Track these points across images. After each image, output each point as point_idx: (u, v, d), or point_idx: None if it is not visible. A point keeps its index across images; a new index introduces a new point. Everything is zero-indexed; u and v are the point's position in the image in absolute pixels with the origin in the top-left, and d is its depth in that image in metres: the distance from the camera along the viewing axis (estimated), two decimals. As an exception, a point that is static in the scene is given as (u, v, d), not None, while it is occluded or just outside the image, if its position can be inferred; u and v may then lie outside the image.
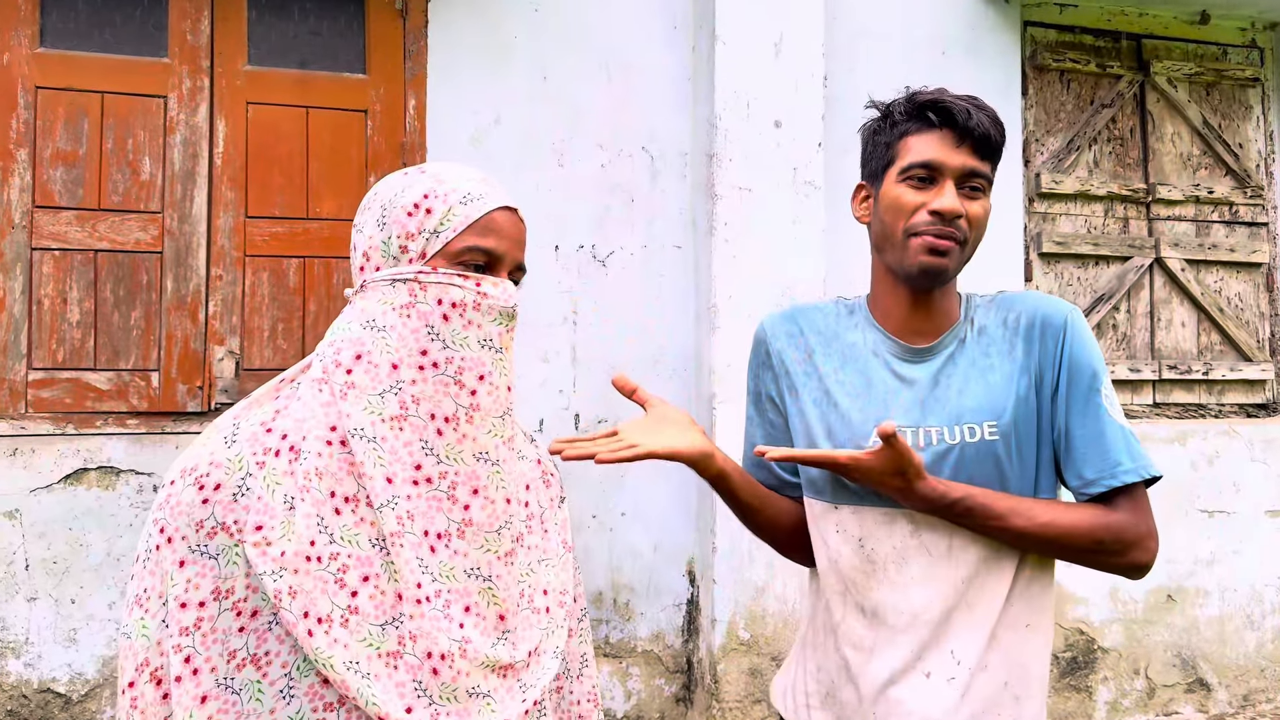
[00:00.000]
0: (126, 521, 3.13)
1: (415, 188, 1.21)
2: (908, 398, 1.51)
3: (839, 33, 3.82)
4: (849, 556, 1.52)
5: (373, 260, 1.22)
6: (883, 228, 1.53)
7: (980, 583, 1.47)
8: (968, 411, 1.48)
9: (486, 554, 1.19)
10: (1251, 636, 4.22)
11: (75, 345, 3.17)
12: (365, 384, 1.16)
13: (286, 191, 3.35)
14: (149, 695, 1.10)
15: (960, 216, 1.47)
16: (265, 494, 1.12)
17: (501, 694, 1.18)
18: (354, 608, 1.11)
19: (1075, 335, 1.51)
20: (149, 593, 1.12)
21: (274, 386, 1.24)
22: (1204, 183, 4.37)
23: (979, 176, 1.49)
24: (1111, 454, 1.46)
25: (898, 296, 1.56)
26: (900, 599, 1.48)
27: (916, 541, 1.48)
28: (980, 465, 1.47)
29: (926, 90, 1.53)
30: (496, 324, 1.20)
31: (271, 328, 3.32)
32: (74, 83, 3.19)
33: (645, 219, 3.67)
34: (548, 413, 3.53)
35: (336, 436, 1.16)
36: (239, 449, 1.15)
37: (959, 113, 1.46)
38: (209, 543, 1.11)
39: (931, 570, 1.47)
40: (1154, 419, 4.24)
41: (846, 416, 1.52)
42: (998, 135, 1.48)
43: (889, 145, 1.53)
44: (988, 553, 1.47)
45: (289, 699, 1.11)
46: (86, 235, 3.19)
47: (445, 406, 1.17)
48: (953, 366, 1.53)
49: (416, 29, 3.48)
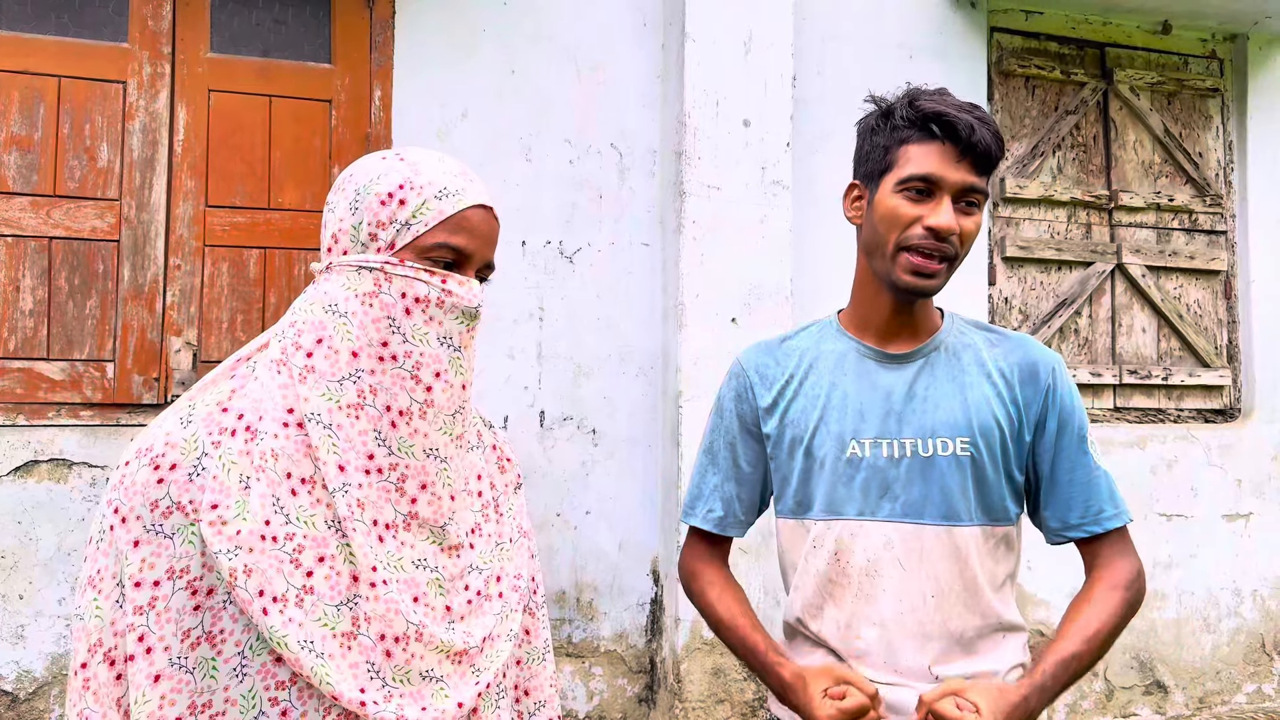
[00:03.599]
0: (78, 515, 3.05)
1: (392, 175, 1.20)
2: (882, 408, 1.53)
3: (808, 34, 3.83)
4: (824, 571, 1.54)
5: (341, 243, 1.21)
6: (875, 235, 1.52)
7: (953, 593, 1.51)
8: (942, 425, 1.51)
9: (432, 546, 1.20)
10: (1208, 639, 4.27)
11: (28, 334, 3.09)
12: (325, 369, 1.16)
13: (248, 181, 3.29)
14: (102, 676, 1.10)
15: (954, 233, 1.46)
16: (221, 474, 1.12)
17: (454, 679, 1.19)
18: (309, 587, 1.11)
19: (1064, 384, 1.58)
20: (102, 573, 1.11)
21: (230, 366, 1.23)
22: (1165, 190, 4.43)
23: (976, 192, 1.48)
24: (1097, 500, 1.56)
25: (880, 302, 1.56)
26: (873, 610, 1.51)
27: (889, 554, 1.51)
28: (949, 478, 1.50)
29: (929, 94, 1.51)
30: (458, 322, 1.20)
31: (230, 319, 3.26)
32: (30, 66, 3.12)
33: (613, 216, 3.65)
34: (512, 409, 3.50)
35: (294, 419, 1.15)
36: (194, 429, 1.14)
37: (963, 128, 1.44)
38: (164, 522, 1.10)
39: (904, 582, 1.50)
40: (1114, 423, 4.28)
41: (826, 427, 1.54)
42: (998, 150, 1.48)
43: (887, 149, 1.51)
44: (958, 565, 1.51)
45: (242, 677, 1.11)
46: (41, 222, 3.11)
47: (401, 400, 1.17)
48: (930, 376, 1.55)
49: (384, 19, 3.44)
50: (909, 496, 1.51)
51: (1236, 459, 4.35)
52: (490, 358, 3.43)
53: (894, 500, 1.51)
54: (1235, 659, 4.31)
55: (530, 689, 1.40)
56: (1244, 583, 4.33)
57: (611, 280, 3.64)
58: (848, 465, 1.52)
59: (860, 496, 1.52)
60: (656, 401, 3.65)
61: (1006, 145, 4.22)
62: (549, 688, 1.42)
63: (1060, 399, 1.57)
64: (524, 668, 1.40)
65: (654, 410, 3.64)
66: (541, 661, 1.42)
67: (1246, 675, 4.33)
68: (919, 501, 1.50)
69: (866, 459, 1.52)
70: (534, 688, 1.41)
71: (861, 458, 1.52)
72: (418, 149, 1.26)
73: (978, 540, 1.52)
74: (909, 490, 1.50)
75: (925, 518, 1.51)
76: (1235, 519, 4.33)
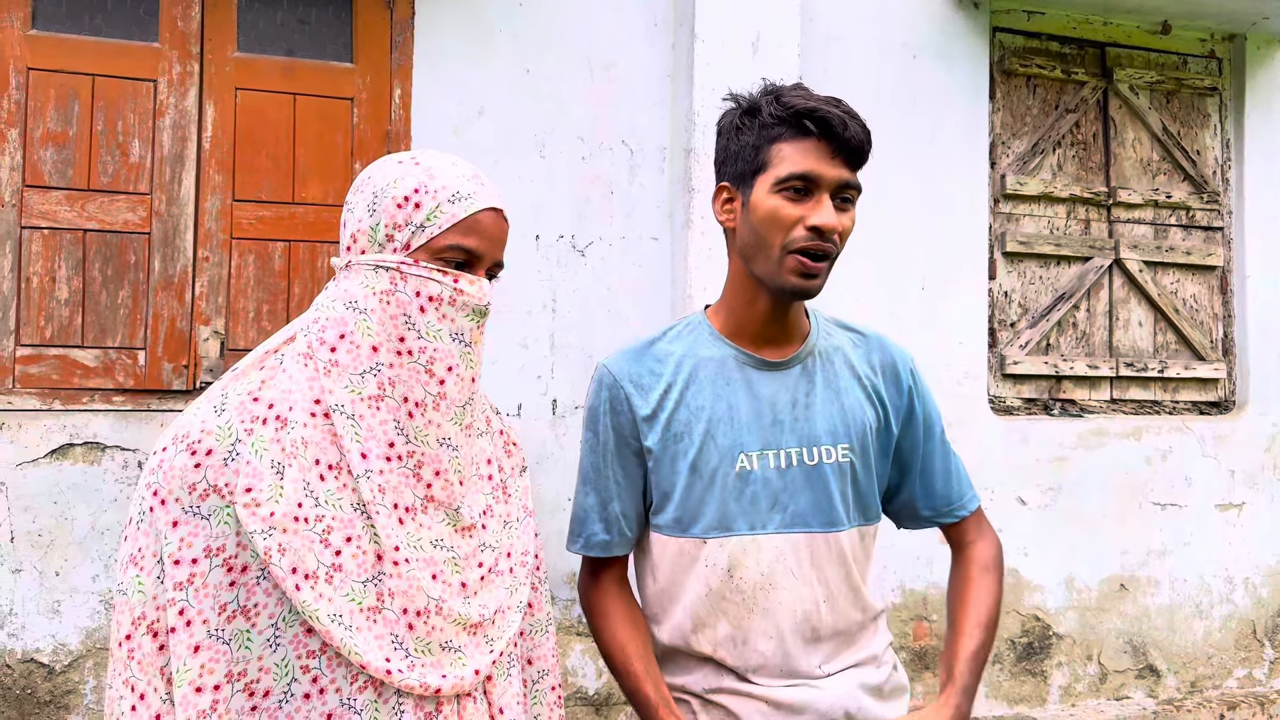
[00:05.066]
0: (111, 496, 3.19)
1: (408, 179, 1.28)
2: (767, 418, 1.53)
3: (814, 34, 3.93)
4: (717, 589, 1.52)
5: (359, 243, 1.29)
6: (756, 239, 1.48)
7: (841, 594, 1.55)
8: (824, 434, 1.53)
9: (447, 527, 1.29)
10: (1200, 625, 4.38)
11: (63, 323, 3.23)
12: (347, 363, 1.24)
13: (273, 176, 3.42)
14: (146, 647, 1.17)
15: (836, 231, 1.44)
16: (254, 459, 1.19)
17: (471, 649, 1.28)
18: (338, 565, 1.19)
19: (921, 379, 1.66)
20: (143, 552, 1.19)
21: (259, 357, 1.31)
22: (1163, 187, 4.53)
23: (851, 188, 1.47)
24: (959, 486, 1.67)
25: (756, 306, 1.54)
26: (768, 623, 1.51)
27: (782, 566, 1.51)
28: (832, 484, 1.53)
29: (791, 90, 1.49)
30: (469, 319, 1.28)
31: (256, 309, 3.39)
32: (65, 65, 3.25)
33: (624, 211, 3.77)
34: (525, 397, 3.62)
35: (320, 409, 1.24)
36: (228, 417, 1.22)
37: (836, 123, 1.42)
38: (201, 504, 1.18)
39: (797, 591, 1.51)
40: (1110, 414, 4.39)
41: (714, 441, 1.51)
42: (869, 146, 1.46)
43: (758, 149, 1.47)
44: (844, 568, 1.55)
45: (275, 647, 1.19)
46: (76, 215, 3.24)
47: (416, 392, 1.25)
48: (809, 384, 1.56)
49: (403, 20, 3.56)
50: (797, 506, 1.51)
51: (1230, 450, 4.46)
52: (504, 348, 3.55)
53: (783, 511, 1.51)
54: (1227, 644, 4.43)
55: (534, 658, 1.50)
56: (1236, 570, 4.44)
57: (621, 273, 3.75)
58: (738, 479, 1.50)
59: (751, 510, 1.51)
60: (665, 391, 3.76)
61: (1008, 143, 4.32)
62: (551, 657, 1.52)
63: (921, 395, 1.64)
64: (528, 638, 1.49)
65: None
66: (544, 633, 1.52)
67: (1238, 660, 4.45)
68: (806, 511, 1.51)
69: (755, 472, 1.51)
70: (537, 657, 1.50)
71: (751, 471, 1.51)
72: (433, 152, 1.34)
73: (855, 541, 1.56)
74: (796, 500, 1.51)
75: (813, 526, 1.52)
76: (1228, 508, 4.44)
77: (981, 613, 1.58)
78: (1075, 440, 4.23)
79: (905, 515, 1.70)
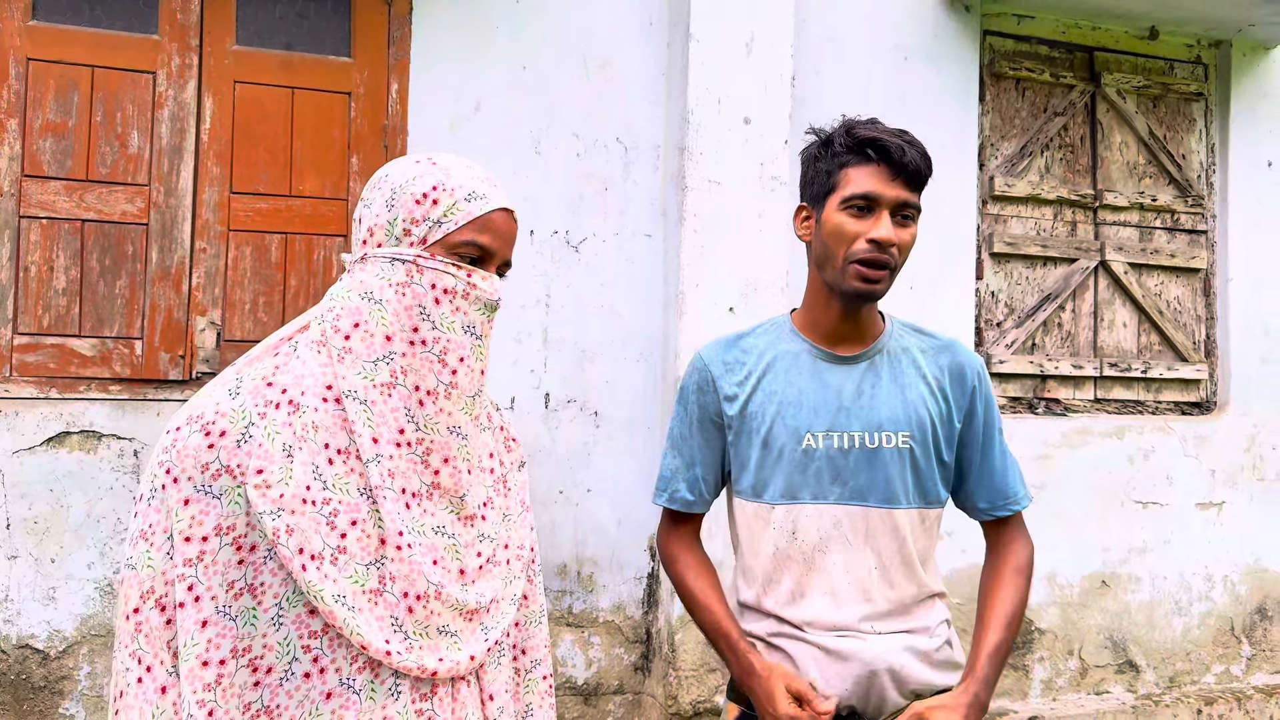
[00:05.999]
0: (107, 485, 3.22)
1: (426, 178, 1.32)
2: (833, 405, 1.74)
3: (807, 35, 3.98)
4: (783, 549, 1.74)
5: (375, 236, 1.32)
6: (825, 250, 1.71)
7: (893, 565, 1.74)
8: (886, 421, 1.73)
9: (450, 515, 1.32)
10: (1179, 622, 4.45)
11: (60, 312, 3.25)
12: (361, 351, 1.27)
13: (270, 169, 3.45)
14: (154, 620, 1.20)
15: (894, 244, 1.65)
16: (266, 442, 1.22)
17: (467, 634, 1.32)
18: (342, 548, 1.23)
19: (986, 384, 1.83)
20: (154, 528, 1.21)
21: (273, 344, 1.34)
22: (1148, 191, 4.59)
23: (910, 206, 1.68)
24: (1014, 484, 1.84)
25: (830, 308, 1.76)
26: (823, 580, 1.73)
27: (838, 532, 1.72)
28: (891, 467, 1.72)
29: (863, 123, 1.71)
30: (481, 313, 1.33)
31: (253, 301, 3.42)
32: (65, 56, 3.27)
33: (618, 208, 3.81)
34: (519, 391, 3.66)
35: (332, 395, 1.27)
36: (242, 400, 1.25)
37: (895, 150, 1.64)
38: (213, 484, 1.21)
39: (850, 556, 1.72)
40: (1094, 413, 4.46)
41: (783, 421, 1.74)
42: (927, 170, 1.68)
43: (829, 174, 1.71)
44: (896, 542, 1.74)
45: (279, 626, 1.22)
46: (74, 205, 3.27)
47: (428, 381, 1.29)
48: (875, 376, 1.76)
49: (401, 15, 3.59)
50: (856, 483, 1.72)
51: (1211, 450, 4.53)
52: (499, 342, 3.59)
53: (843, 486, 1.72)
54: (1205, 641, 4.50)
55: (527, 648, 1.54)
56: (1215, 568, 4.52)
57: (615, 269, 3.80)
58: (803, 456, 1.72)
59: (814, 483, 1.72)
60: (656, 386, 3.81)
61: (996, 145, 4.38)
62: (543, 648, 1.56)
63: (985, 397, 1.82)
64: (522, 629, 1.53)
65: (653, 394, 3.81)
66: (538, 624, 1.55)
67: (1216, 657, 4.52)
68: (864, 487, 1.72)
69: (820, 450, 1.72)
70: (530, 647, 1.54)
71: (815, 449, 1.72)
72: (447, 155, 1.38)
73: (913, 520, 1.75)
74: (856, 477, 1.72)
75: (870, 501, 1.72)
76: (1208, 507, 4.51)
77: (1008, 611, 1.75)
78: (1059, 439, 4.29)
79: (968, 506, 1.87)
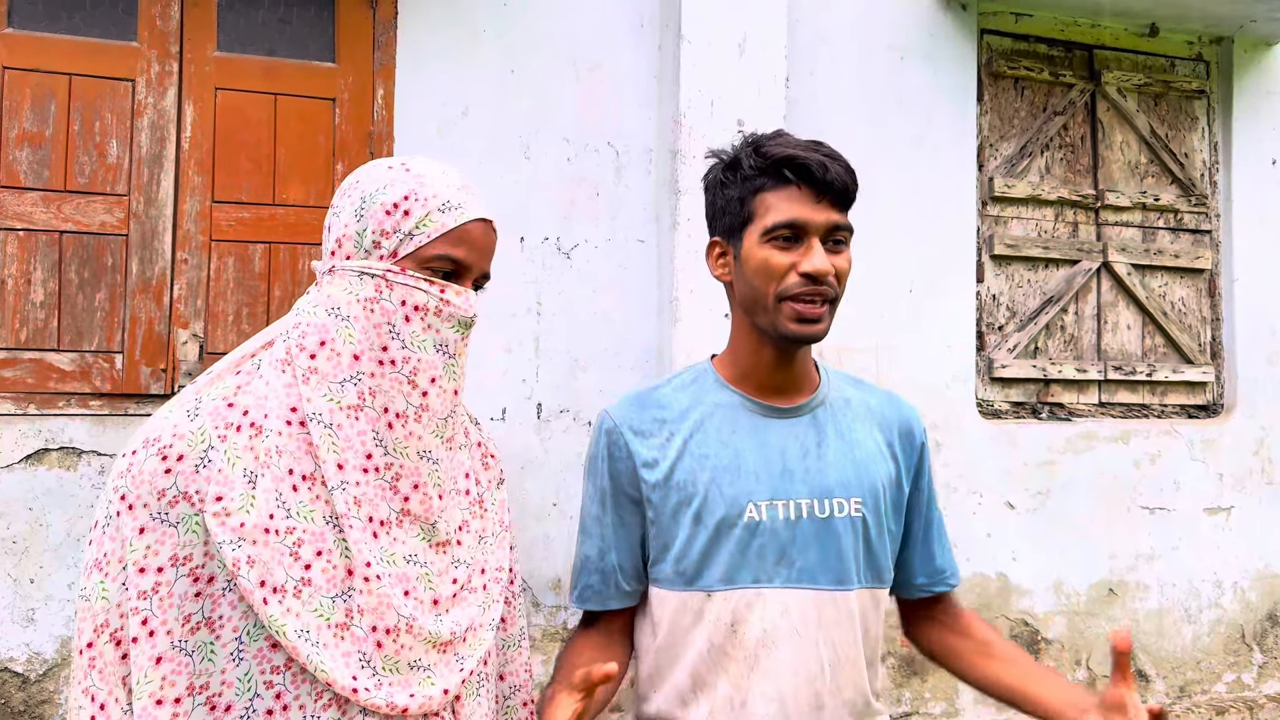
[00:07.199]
0: (88, 502, 3.13)
1: (398, 186, 1.24)
2: (777, 466, 1.48)
3: (801, 36, 3.91)
4: (719, 645, 1.45)
5: (344, 248, 1.25)
6: (751, 291, 1.46)
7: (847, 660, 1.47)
8: (836, 485, 1.48)
9: (422, 542, 1.25)
10: (1188, 630, 4.37)
11: (38, 326, 3.18)
12: (327, 371, 1.21)
13: (253, 177, 3.37)
14: (108, 655, 1.14)
15: (830, 274, 1.42)
16: (226, 467, 1.16)
17: (440, 667, 1.25)
18: (307, 579, 1.16)
19: (929, 451, 1.63)
20: (109, 557, 1.15)
21: (235, 361, 1.28)
22: (1151, 190, 4.52)
23: (842, 229, 1.45)
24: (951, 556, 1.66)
25: (762, 356, 1.51)
26: (769, 685, 1.44)
27: (787, 623, 1.44)
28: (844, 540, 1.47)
29: (770, 139, 1.47)
30: (454, 330, 1.25)
31: (236, 312, 3.34)
32: (42, 64, 3.20)
33: (610, 213, 3.73)
34: (510, 402, 3.58)
35: (297, 417, 1.21)
36: (201, 422, 1.19)
37: (816, 168, 1.40)
38: (170, 511, 1.15)
39: (801, 651, 1.44)
40: (1099, 418, 4.38)
41: (719, 490, 1.46)
42: (854, 186, 1.45)
43: (743, 201, 1.46)
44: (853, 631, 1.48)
45: (239, 661, 1.16)
46: (52, 216, 3.19)
47: (398, 403, 1.22)
48: (819, 433, 1.51)
49: (386, 19, 3.52)
50: (805, 561, 1.45)
51: (1218, 454, 4.45)
52: (489, 351, 3.51)
53: (790, 565, 1.45)
54: (1215, 649, 4.41)
55: (506, 674, 1.47)
56: (1225, 575, 4.43)
57: (608, 276, 3.72)
58: (744, 531, 1.44)
59: (756, 563, 1.44)
60: (651, 394, 3.73)
61: (996, 146, 4.30)
62: (524, 673, 1.49)
63: (928, 456, 1.61)
64: (501, 653, 1.46)
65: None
66: (517, 647, 1.49)
67: (1226, 665, 4.43)
68: (815, 566, 1.45)
69: (764, 523, 1.45)
70: (509, 673, 1.48)
71: (759, 521, 1.45)
72: (423, 159, 1.30)
73: (866, 603, 1.50)
74: (805, 554, 1.45)
75: (821, 582, 1.46)
76: (1216, 512, 4.43)
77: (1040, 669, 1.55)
78: (1063, 444, 4.21)
79: (901, 582, 1.63)
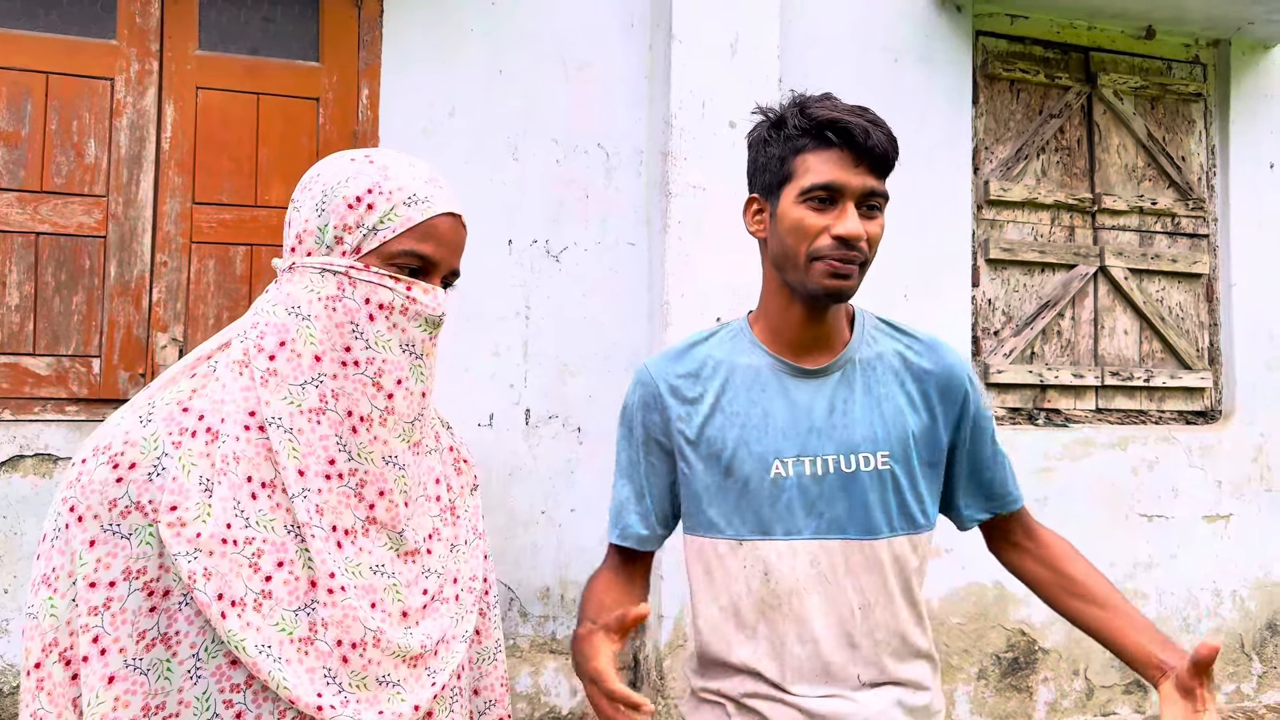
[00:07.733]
0: (63, 510, 3.06)
1: (361, 179, 1.19)
2: (804, 426, 1.52)
3: (794, 36, 3.86)
4: (756, 591, 1.52)
5: (305, 244, 1.19)
6: (783, 248, 1.49)
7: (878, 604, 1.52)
8: (862, 441, 1.52)
9: (389, 551, 1.20)
10: (1187, 639, 4.30)
11: (14, 329, 3.10)
12: (287, 372, 1.15)
13: (235, 178, 3.31)
14: (57, 676, 1.09)
15: (862, 239, 1.44)
16: (181, 475, 1.11)
17: (410, 682, 1.19)
18: (267, 592, 1.11)
19: (979, 388, 1.63)
20: (58, 572, 1.09)
21: (190, 364, 1.22)
22: (1148, 194, 4.47)
23: (878, 195, 1.47)
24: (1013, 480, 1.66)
25: (791, 313, 1.54)
26: (803, 628, 1.51)
27: (815, 571, 1.51)
28: (870, 492, 1.52)
29: (818, 100, 1.49)
30: (421, 330, 1.20)
31: (217, 315, 3.28)
32: (18, 62, 3.13)
33: (599, 215, 3.67)
34: (498, 407, 3.51)
35: (255, 422, 1.15)
36: (155, 428, 1.13)
37: (858, 132, 1.43)
38: (122, 522, 1.09)
39: (831, 597, 1.51)
40: (1096, 424, 4.32)
41: (748, 447, 1.52)
42: (894, 152, 1.47)
43: (783, 160, 1.49)
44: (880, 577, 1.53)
45: (196, 679, 1.10)
46: (28, 217, 3.12)
47: (362, 406, 1.17)
48: (847, 390, 1.55)
49: (371, 18, 3.46)
50: (832, 513, 1.51)
51: (1217, 460, 4.39)
52: (476, 356, 3.45)
53: (818, 518, 1.51)
54: (1214, 658, 4.35)
55: (481, 688, 1.42)
56: (1223, 583, 4.37)
57: (597, 279, 3.66)
58: (773, 486, 1.51)
59: (786, 516, 1.51)
60: (641, 400, 3.67)
61: (991, 148, 4.25)
62: (499, 687, 1.43)
63: (975, 402, 1.61)
64: (475, 667, 1.41)
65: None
66: (492, 661, 1.43)
67: (1225, 675, 4.37)
68: (842, 517, 1.51)
69: (790, 479, 1.51)
70: (484, 687, 1.42)
71: (786, 477, 1.51)
72: (389, 151, 1.25)
73: (899, 549, 1.54)
74: (832, 507, 1.51)
75: (849, 533, 1.51)
76: (1215, 520, 4.37)
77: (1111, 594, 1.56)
78: (1061, 451, 4.15)
79: (965, 516, 1.67)
